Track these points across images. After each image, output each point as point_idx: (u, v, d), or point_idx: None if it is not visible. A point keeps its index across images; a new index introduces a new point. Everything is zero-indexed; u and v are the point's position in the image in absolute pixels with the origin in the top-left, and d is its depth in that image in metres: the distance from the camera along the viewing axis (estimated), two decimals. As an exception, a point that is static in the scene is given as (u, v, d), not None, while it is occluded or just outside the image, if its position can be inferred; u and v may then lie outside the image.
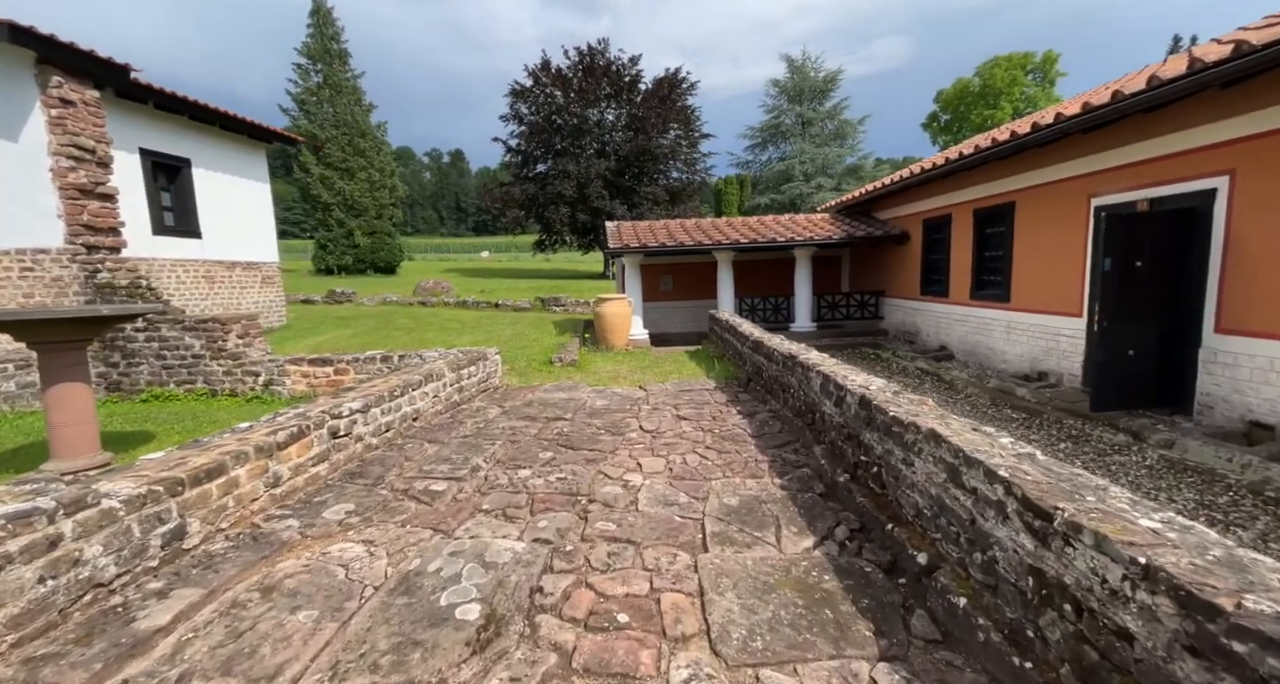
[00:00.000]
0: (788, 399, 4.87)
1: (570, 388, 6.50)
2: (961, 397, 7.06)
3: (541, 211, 30.41)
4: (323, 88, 28.95)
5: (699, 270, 12.94)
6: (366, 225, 29.92)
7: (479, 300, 16.08)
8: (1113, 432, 5.11)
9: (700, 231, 11.31)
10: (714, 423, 4.88)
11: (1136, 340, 5.29)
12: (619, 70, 30.77)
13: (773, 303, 11.66)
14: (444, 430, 4.71)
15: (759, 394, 5.82)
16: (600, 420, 5.02)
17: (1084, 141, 6.31)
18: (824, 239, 10.69)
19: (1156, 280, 5.23)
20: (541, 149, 31.61)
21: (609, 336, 10.25)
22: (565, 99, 30.43)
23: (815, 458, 3.80)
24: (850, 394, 3.43)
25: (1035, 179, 7.29)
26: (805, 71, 37.44)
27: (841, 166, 37.12)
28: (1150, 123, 5.46)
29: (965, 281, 9.07)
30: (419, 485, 3.45)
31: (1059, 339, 6.99)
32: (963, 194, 9.01)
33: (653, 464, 3.84)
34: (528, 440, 4.42)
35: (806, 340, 11.25)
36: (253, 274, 10.47)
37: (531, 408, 5.51)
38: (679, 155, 31.32)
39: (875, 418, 3.05)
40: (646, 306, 12.47)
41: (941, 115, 49.74)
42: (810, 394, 4.25)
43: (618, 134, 31.22)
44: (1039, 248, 7.33)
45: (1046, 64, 46.32)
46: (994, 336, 8.31)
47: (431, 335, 10.76)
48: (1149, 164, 5.56)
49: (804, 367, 4.39)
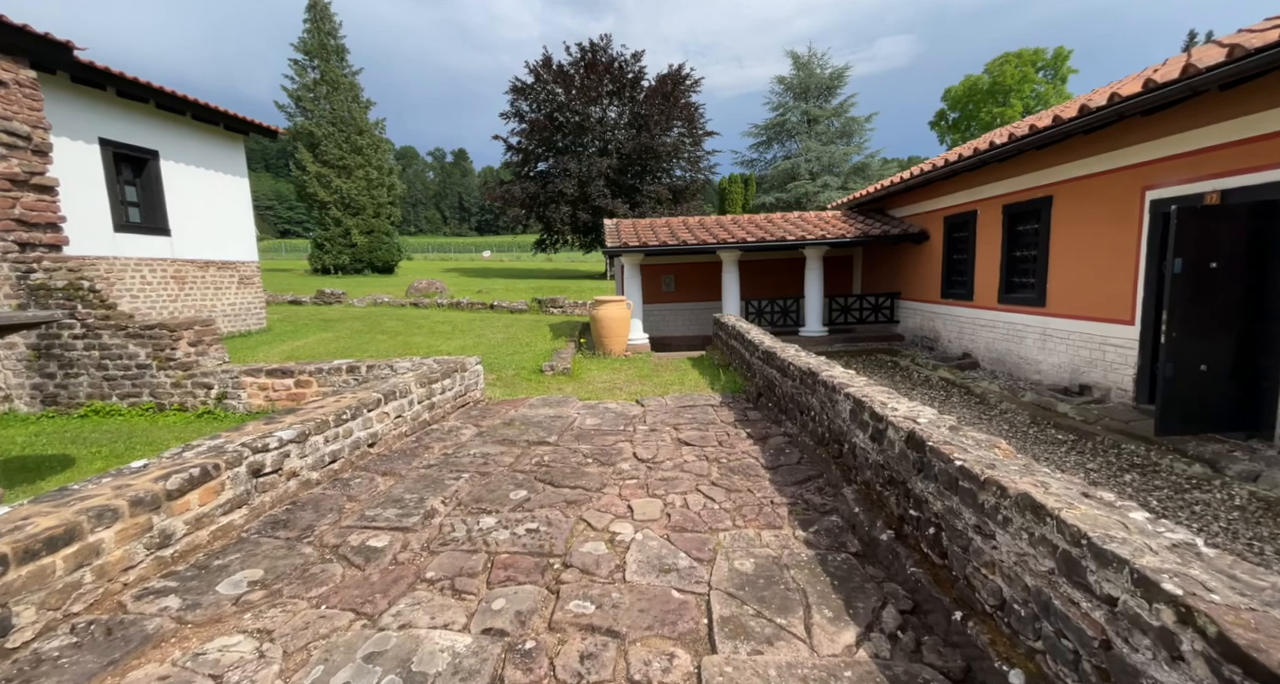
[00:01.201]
0: (806, 422, 4.18)
1: (559, 402, 5.82)
2: (996, 412, 6.35)
3: (542, 210, 29.79)
4: (320, 84, 28.38)
5: (703, 271, 12.26)
6: (364, 224, 29.34)
7: (473, 301, 15.43)
8: (1184, 460, 4.40)
9: (704, 230, 10.63)
10: (720, 450, 4.19)
11: (1209, 354, 4.58)
12: (622, 67, 30.13)
13: (781, 305, 10.96)
14: (405, 459, 4.04)
15: (771, 412, 5.13)
16: (589, 445, 4.34)
17: (1139, 126, 5.60)
18: (837, 238, 9.99)
19: (1233, 285, 4.52)
20: (543, 147, 31.00)
21: (606, 342, 9.58)
22: (567, 96, 29.80)
23: (846, 502, 3.11)
24: (894, 428, 2.74)
25: (1077, 170, 6.57)
26: (811, 68, 36.65)
27: (848, 165, 36.32)
28: (1225, 102, 4.74)
29: (993, 283, 8.35)
30: (355, 539, 2.78)
31: (1105, 349, 6.28)
32: (991, 188, 8.29)
33: (647, 508, 3.16)
34: (500, 473, 3.74)
35: (817, 345, 10.57)
36: (228, 274, 9.83)
37: (512, 428, 4.83)
38: (682, 153, 30.63)
39: (932, 464, 2.36)
40: (647, 309, 11.81)
41: (950, 113, 48.92)
42: (836, 421, 3.56)
43: (620, 132, 30.57)
44: (1081, 247, 6.61)
45: (1058, 61, 45.45)
46: (1027, 344, 7.59)
47: (418, 339, 10.11)
48: (1220, 150, 4.85)
49: (828, 387, 3.70)
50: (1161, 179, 5.49)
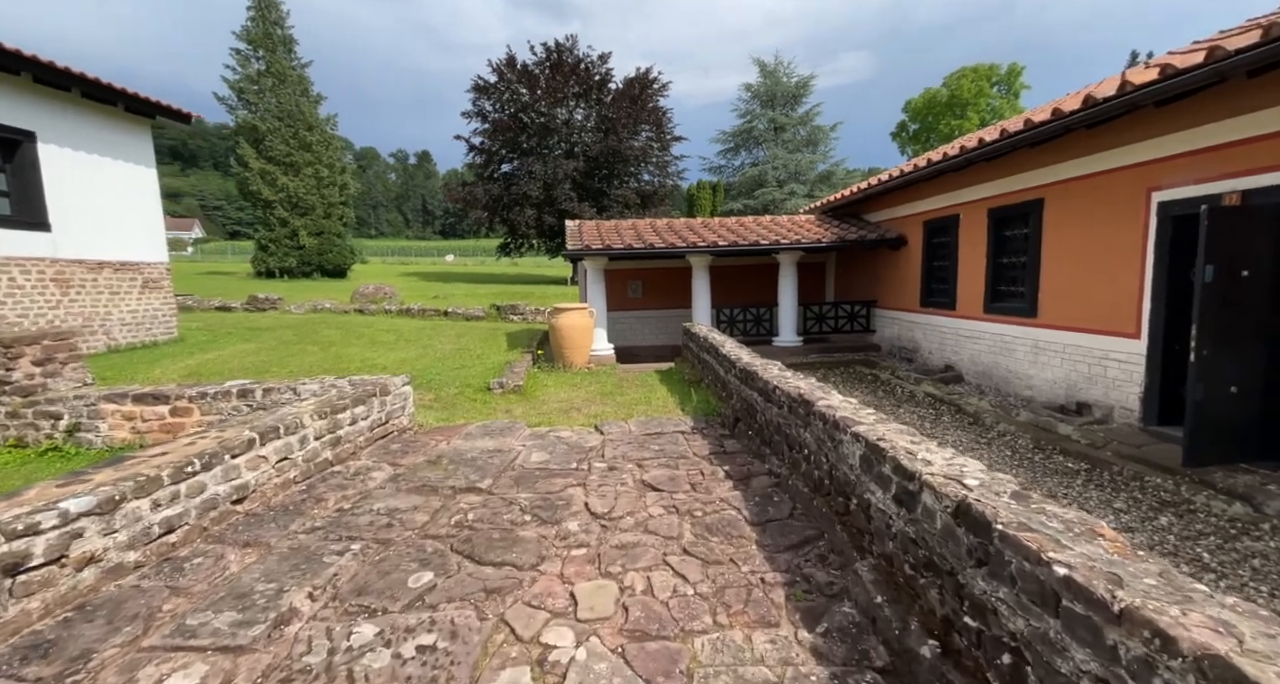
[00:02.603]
0: (798, 462, 3.43)
1: (503, 431, 4.93)
2: (993, 434, 5.76)
3: (506, 213, 28.72)
4: (264, 76, 26.64)
5: (672, 276, 11.52)
6: (313, 225, 27.62)
7: (425, 308, 14.30)
8: (1220, 497, 3.83)
9: (673, 233, 9.90)
10: (694, 497, 3.39)
11: (1241, 374, 4.06)
12: (588, 68, 29.43)
13: (753, 313, 10.30)
14: (282, 519, 3.09)
15: (751, 443, 4.37)
16: (530, 493, 3.48)
17: (1145, 122, 5.12)
18: (812, 243, 9.40)
19: (1264, 296, 4.02)
20: (506, 148, 29.99)
21: (566, 353, 8.71)
22: (532, 97, 28.90)
23: (861, 584, 2.34)
24: (932, 493, 1.99)
25: (1073, 170, 6.10)
26: (778, 76, 36.72)
27: (814, 173, 36.42)
28: (1248, 93, 4.26)
29: (978, 292, 7.86)
30: (147, 677, 1.85)
31: (1106, 365, 5.78)
32: (975, 191, 7.81)
33: (597, 597, 2.33)
34: (406, 540, 2.85)
35: (791, 356, 9.93)
36: (128, 277, 8.55)
37: (437, 469, 3.92)
38: (650, 157, 30.08)
39: (1004, 558, 1.62)
40: (612, 317, 10.99)
41: (910, 125, 50.02)
42: (840, 466, 2.81)
43: (587, 134, 29.83)
44: (1077, 253, 6.13)
45: (1011, 76, 46.98)
46: (1016, 357, 7.09)
47: (354, 351, 9.01)
48: (1241, 146, 4.37)
49: (828, 422, 2.95)
50: (1170, 179, 5.01)
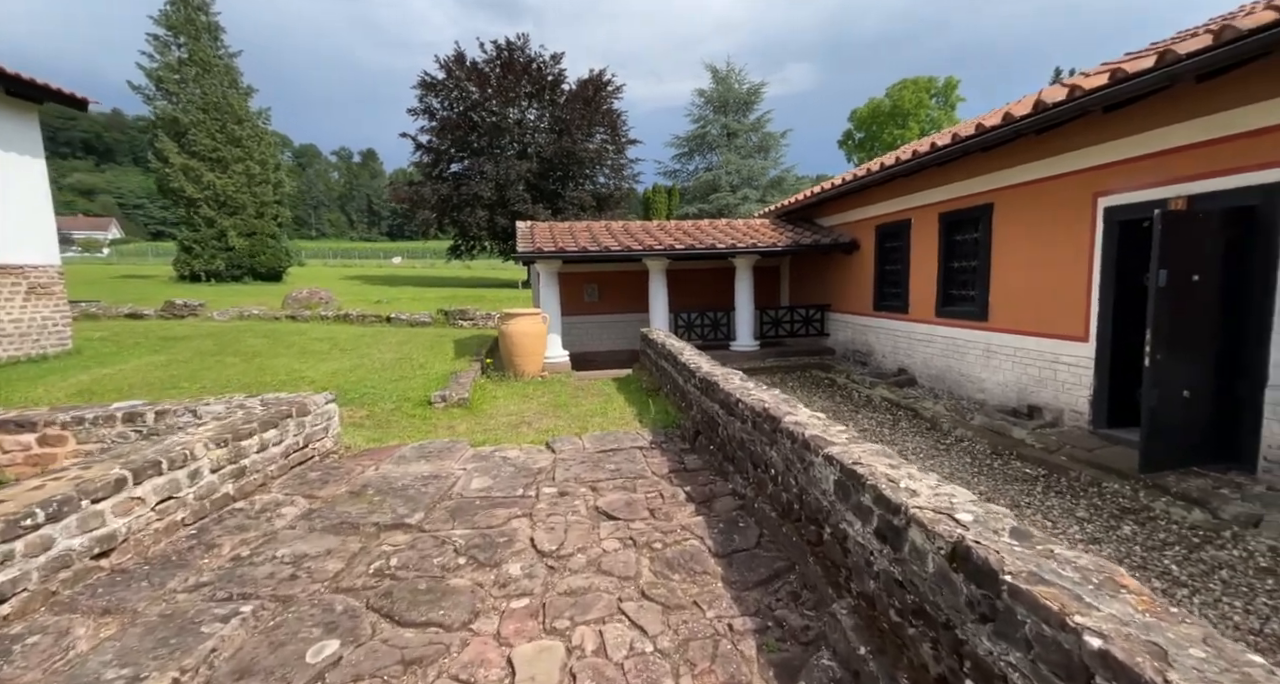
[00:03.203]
0: (764, 482, 3.17)
1: (441, 451, 4.47)
2: (951, 440, 5.72)
3: (456, 214, 27.74)
4: (186, 65, 24.72)
5: (629, 280, 11.21)
6: (244, 225, 25.80)
7: (366, 313, 13.45)
8: (1178, 503, 3.83)
9: (629, 235, 9.60)
10: (653, 525, 3.07)
11: (1192, 378, 4.10)
12: (540, 68, 28.87)
13: (711, 318, 10.13)
14: (159, 574, 2.58)
15: (713, 458, 4.10)
16: (467, 528, 3.07)
17: (1092, 128, 5.20)
18: (768, 246, 9.30)
19: (1213, 300, 4.07)
20: (456, 147, 29.02)
21: (517, 361, 8.25)
22: (482, 95, 28.08)
23: (839, 628, 2.08)
24: (921, 530, 1.74)
25: (1021, 175, 6.17)
26: (730, 83, 37.18)
27: (766, 179, 37.05)
28: (1190, 99, 4.33)
29: (930, 296, 7.92)
30: None
31: (1057, 368, 5.85)
32: (926, 195, 7.88)
33: (539, 664, 1.97)
34: (312, 597, 2.40)
35: (749, 361, 9.81)
36: (9, 281, 7.50)
37: (360, 502, 3.45)
38: (605, 160, 29.77)
39: (1015, 616, 1.37)
40: (567, 322, 10.58)
41: (856, 133, 51.71)
42: (812, 491, 2.55)
43: (540, 135, 29.25)
44: (1027, 258, 6.20)
45: (948, 89, 49.25)
46: (968, 361, 7.15)
47: (281, 362, 8.25)
48: (1185, 151, 4.45)
49: (796, 441, 2.70)
50: (1116, 184, 5.09)
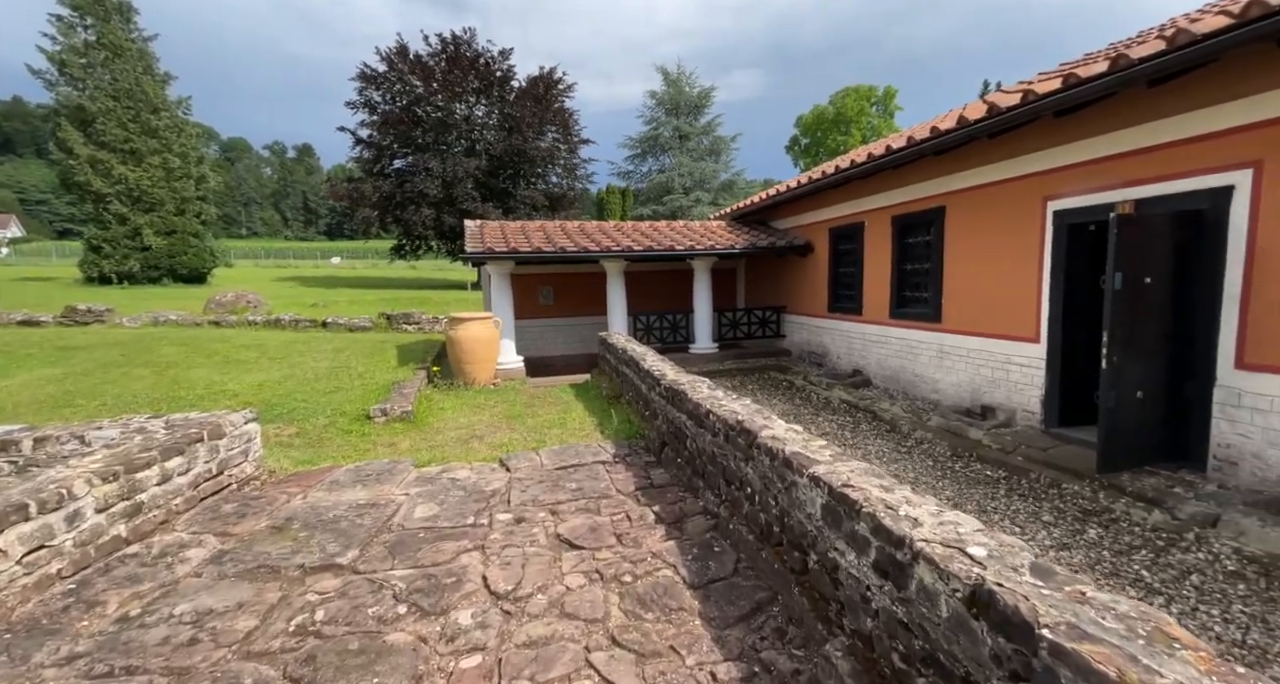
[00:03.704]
0: (739, 501, 2.94)
1: (381, 474, 4.03)
2: (911, 442, 5.72)
3: (400, 213, 26.55)
4: (94, 48, 22.56)
5: (585, 282, 10.88)
6: (162, 223, 23.77)
7: (300, 318, 12.51)
8: (1138, 504, 3.88)
9: (585, 236, 9.28)
10: (621, 554, 2.79)
11: (1146, 379, 4.18)
12: (488, 64, 28.08)
13: (670, 320, 9.94)
14: (22, 644, 2.09)
15: (682, 473, 3.86)
16: (410, 567, 2.70)
17: (1042, 131, 5.29)
18: (726, 248, 9.20)
19: (1164, 303, 4.17)
20: (399, 142, 27.82)
21: (468, 369, 7.78)
22: (427, 89, 27.04)
23: (835, 673, 1.86)
24: (931, 568, 1.54)
25: (973, 179, 6.27)
26: (681, 85, 37.38)
27: (718, 181, 37.46)
28: (1137, 105, 4.45)
29: (884, 298, 8.00)
30: None
31: (1009, 369, 5.95)
32: (879, 199, 7.96)
33: (495, 741, 1.65)
34: (215, 667, 1.99)
35: (708, 363, 9.68)
36: None
37: (283, 538, 3.00)
38: (558, 159, 29.26)
39: (1058, 677, 1.17)
40: (521, 325, 10.13)
41: (802, 139, 53.17)
42: (796, 514, 2.34)
43: (489, 132, 28.45)
44: (979, 260, 6.30)
45: (887, 98, 51.33)
46: (922, 362, 7.24)
47: (199, 374, 7.45)
48: (1134, 156, 4.57)
49: (776, 458, 2.48)
50: (1065, 188, 5.21)
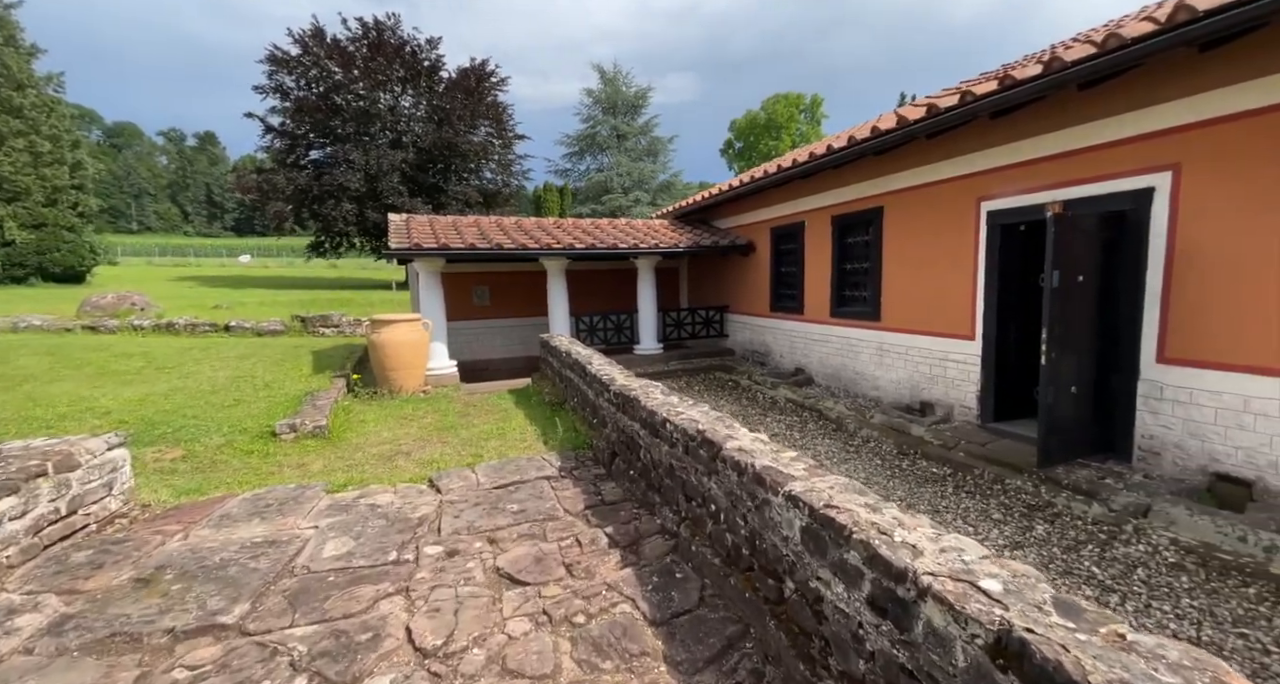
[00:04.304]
0: (701, 518, 2.68)
1: (285, 502, 3.47)
2: (858, 441, 5.72)
3: (318, 207, 24.66)
4: (-64, 8, 19.39)
5: (525, 281, 10.38)
6: (28, 214, 20.81)
7: (198, 322, 11.17)
8: (1078, 497, 3.98)
9: (523, 233, 8.79)
10: (572, 588, 2.46)
11: (1079, 374, 4.31)
12: (415, 52, 26.68)
13: (614, 321, 9.63)
14: None
15: (635, 486, 3.56)
16: (314, 622, 2.23)
17: (977, 133, 5.42)
18: (670, 247, 9.01)
19: (1093, 300, 4.31)
20: (315, 132, 25.87)
21: (393, 376, 7.13)
22: (347, 76, 25.31)
23: (828, 726, 1.63)
24: (946, 610, 1.32)
25: (910, 180, 6.38)
26: (617, 85, 37.19)
27: (656, 182, 37.58)
28: (1066, 109, 4.60)
29: (824, 297, 8.07)
30: None
31: (946, 365, 6.09)
32: (819, 199, 8.02)
33: None
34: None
35: (653, 364, 9.46)
36: None
37: (151, 592, 2.44)
38: (492, 154, 28.22)
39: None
40: (454, 328, 9.50)
41: (736, 143, 54.46)
42: (768, 536, 2.10)
43: (417, 124, 27.03)
44: (916, 259, 6.43)
45: (814, 106, 53.43)
46: (862, 360, 7.34)
47: (63, 388, 6.36)
48: (1062, 158, 4.73)
49: (745, 473, 2.24)
50: (998, 189, 5.36)
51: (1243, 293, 3.67)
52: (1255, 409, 3.61)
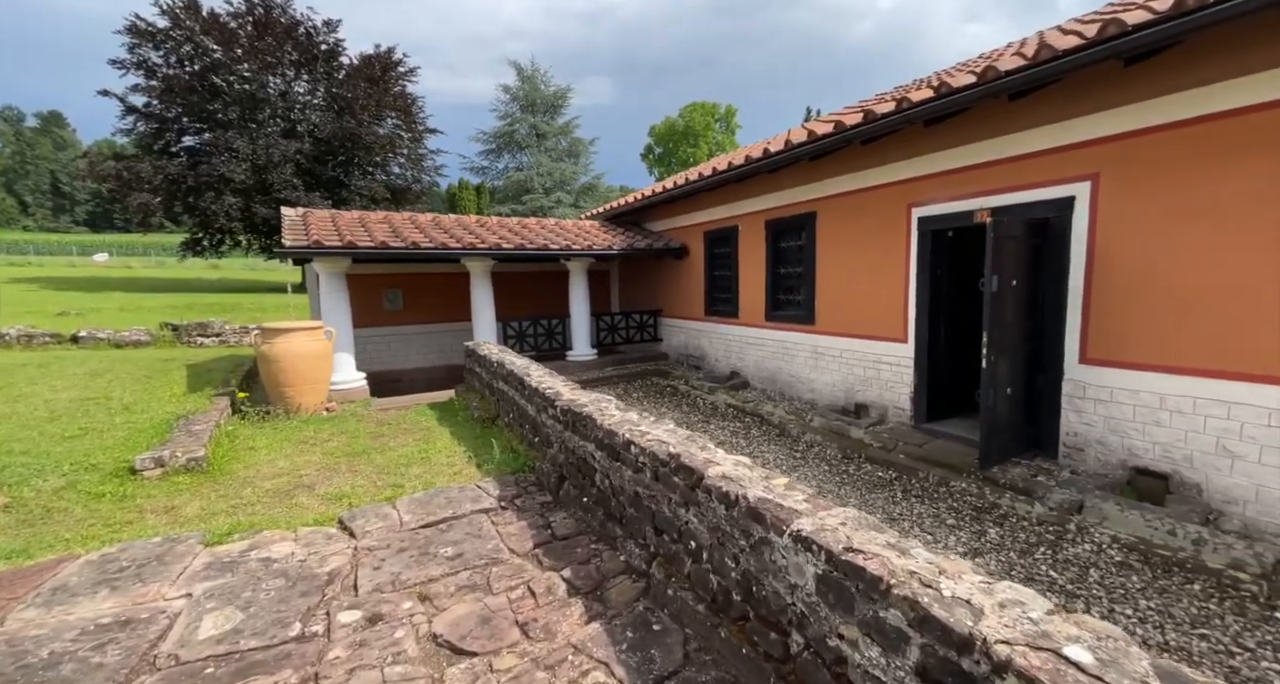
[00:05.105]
0: (677, 557, 2.35)
1: (146, 564, 2.74)
2: (803, 446, 5.67)
3: (194, 200, 21.80)
4: None
5: (442, 283, 9.59)
6: None
7: (36, 332, 9.30)
8: (1016, 496, 4.08)
9: (442, 231, 8.05)
10: (532, 656, 2.03)
11: (1012, 376, 4.46)
12: (310, 34, 24.40)
13: (545, 326, 9.11)
14: None
15: (589, 515, 3.17)
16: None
17: (908, 141, 5.55)
18: (604, 249, 8.66)
19: (1024, 303, 4.48)
20: (190, 116, 22.88)
21: (289, 392, 6.21)
22: (227, 55, 22.62)
23: None
24: None
25: (842, 185, 6.46)
26: (536, 82, 36.31)
27: (578, 184, 37.07)
28: (995, 116, 4.77)
29: (759, 301, 8.07)
30: None
31: (880, 368, 6.21)
32: (753, 203, 8.00)
33: None
34: None
35: (588, 370, 9.06)
36: None
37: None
38: (400, 148, 26.41)
39: None
40: (363, 335, 8.57)
41: (656, 148, 55.18)
42: (768, 582, 1.81)
43: (314, 112, 24.72)
44: (850, 264, 6.52)
45: (728, 115, 55.25)
46: (798, 363, 7.38)
47: None
48: (990, 167, 4.90)
49: (735, 506, 1.94)
50: (928, 196, 5.51)
51: (1156, 297, 3.91)
52: (1170, 406, 3.85)
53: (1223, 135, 3.54)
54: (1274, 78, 3.28)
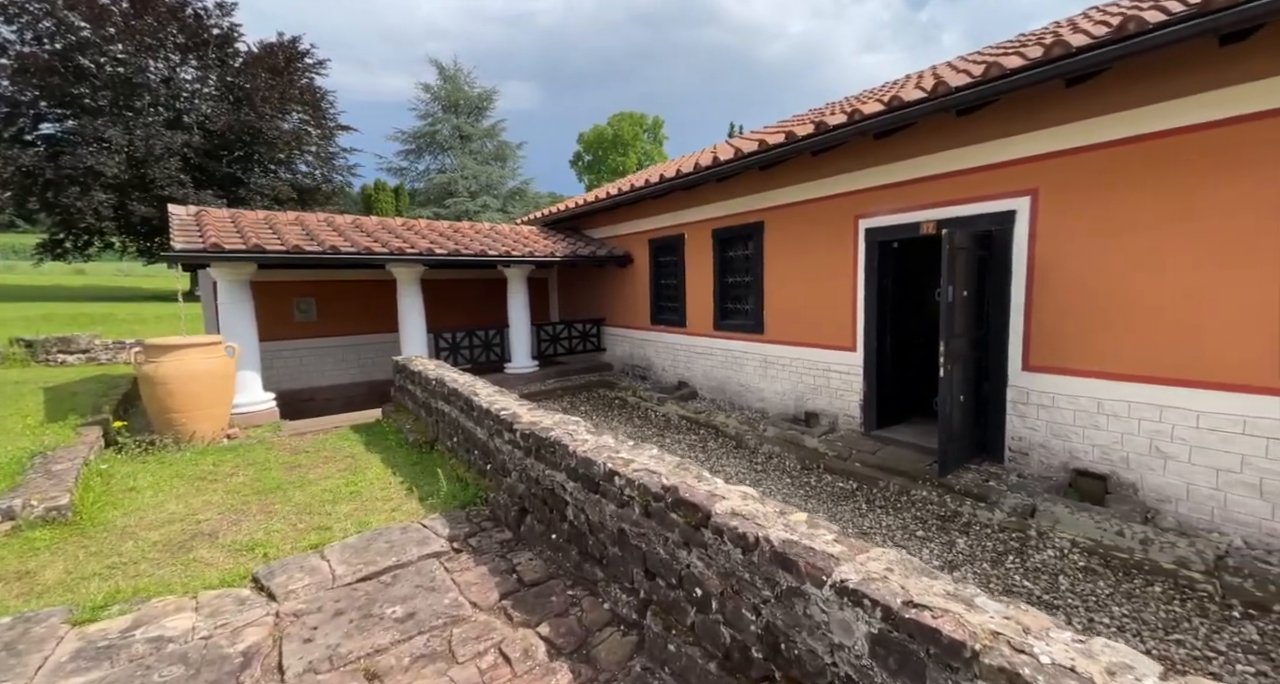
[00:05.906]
0: (676, 605, 2.07)
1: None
2: (761, 458, 5.57)
3: (53, 195, 18.92)
4: None
5: (362, 291, 8.77)
6: None
7: None
8: (975, 504, 4.15)
9: (364, 234, 7.31)
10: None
11: (964, 384, 4.58)
12: (200, 16, 22.03)
13: (482, 337, 8.54)
14: None
15: (561, 555, 2.81)
16: None
17: (855, 153, 5.64)
18: (545, 256, 8.24)
19: (971, 313, 4.62)
20: (49, 100, 19.91)
21: (181, 419, 5.32)
22: (98, 33, 19.92)
23: None
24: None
25: (791, 196, 6.50)
26: (459, 83, 35.01)
27: (506, 188, 36.03)
28: (941, 132, 4.92)
29: (707, 310, 7.99)
30: None
31: (829, 376, 6.27)
32: (698, 212, 7.93)
33: None
34: None
35: (529, 383, 8.57)
36: None
37: None
38: (307, 145, 24.39)
39: None
40: (271, 349, 7.61)
41: (585, 155, 55.00)
42: (803, 641, 1.57)
43: (206, 103, 22.31)
44: (797, 273, 6.56)
45: (656, 126, 56.12)
46: (747, 372, 7.35)
47: None
48: (936, 180, 5.05)
49: (757, 550, 1.69)
50: (875, 207, 5.63)
51: (1091, 306, 4.14)
52: (1107, 411, 4.07)
53: (1144, 156, 3.80)
54: (1185, 105, 3.56)
